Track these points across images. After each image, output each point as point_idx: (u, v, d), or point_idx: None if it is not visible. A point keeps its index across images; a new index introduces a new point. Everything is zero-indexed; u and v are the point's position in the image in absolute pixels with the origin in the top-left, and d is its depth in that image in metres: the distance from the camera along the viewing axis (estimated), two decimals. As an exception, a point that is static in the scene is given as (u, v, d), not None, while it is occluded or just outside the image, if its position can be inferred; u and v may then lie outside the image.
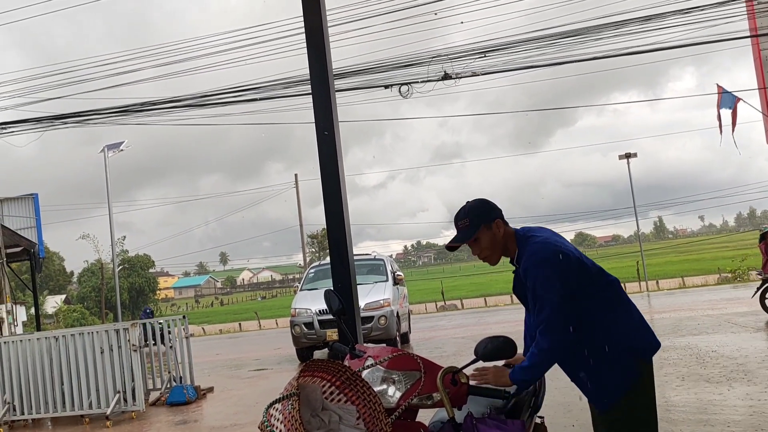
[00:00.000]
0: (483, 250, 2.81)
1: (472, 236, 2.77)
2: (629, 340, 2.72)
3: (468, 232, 2.78)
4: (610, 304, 2.75)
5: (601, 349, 2.66)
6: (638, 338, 2.75)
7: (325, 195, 4.50)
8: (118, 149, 28.97)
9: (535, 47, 14.43)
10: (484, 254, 2.82)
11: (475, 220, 2.78)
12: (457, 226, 2.84)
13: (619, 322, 2.73)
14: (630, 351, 2.69)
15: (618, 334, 2.70)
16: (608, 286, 2.77)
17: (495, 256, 2.84)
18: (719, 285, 27.46)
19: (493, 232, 2.79)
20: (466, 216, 2.80)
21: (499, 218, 2.82)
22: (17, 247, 16.06)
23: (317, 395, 2.17)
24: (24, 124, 16.11)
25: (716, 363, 8.39)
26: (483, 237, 2.77)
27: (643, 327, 2.79)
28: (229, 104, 15.39)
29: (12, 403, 9.20)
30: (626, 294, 2.86)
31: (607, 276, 2.80)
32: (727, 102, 15.65)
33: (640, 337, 2.76)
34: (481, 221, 2.78)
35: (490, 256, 2.83)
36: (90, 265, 62.20)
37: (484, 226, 2.77)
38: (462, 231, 2.81)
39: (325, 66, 4.57)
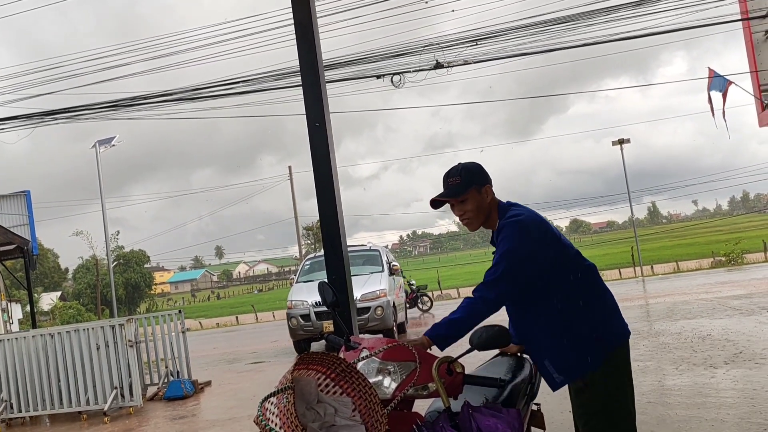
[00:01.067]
0: (467, 212, 2.76)
1: (461, 194, 2.73)
2: (598, 328, 2.69)
3: (457, 189, 2.73)
4: (585, 289, 2.73)
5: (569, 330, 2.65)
6: (608, 328, 2.73)
7: (318, 187, 4.49)
8: (109, 144, 28.84)
9: (527, 34, 14.39)
10: (467, 216, 2.77)
11: (467, 179, 2.74)
12: (447, 183, 2.78)
13: (592, 308, 2.71)
14: (597, 340, 2.67)
15: (589, 320, 2.68)
16: (586, 271, 2.76)
17: (477, 221, 2.80)
18: (713, 269, 27.60)
19: (481, 196, 2.75)
20: (459, 174, 2.76)
21: (489, 184, 2.79)
22: (10, 245, 15.98)
23: (312, 388, 2.16)
24: (14, 121, 15.99)
25: (711, 346, 8.44)
26: (471, 198, 2.74)
27: (615, 316, 2.77)
28: (220, 97, 15.31)
29: (9, 400, 9.19)
30: (602, 281, 2.84)
31: (584, 260, 2.78)
32: (718, 85, 15.65)
33: (611, 326, 2.74)
34: (472, 182, 2.74)
35: (472, 219, 2.79)
36: (85, 262, 62.07)
37: (475, 188, 2.74)
38: (451, 187, 2.75)
39: (315, 57, 4.54)
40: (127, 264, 64.43)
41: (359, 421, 2.14)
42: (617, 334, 2.72)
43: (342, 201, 4.69)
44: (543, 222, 2.73)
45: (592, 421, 2.63)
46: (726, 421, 5.08)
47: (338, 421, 2.13)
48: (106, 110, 15.52)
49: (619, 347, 2.71)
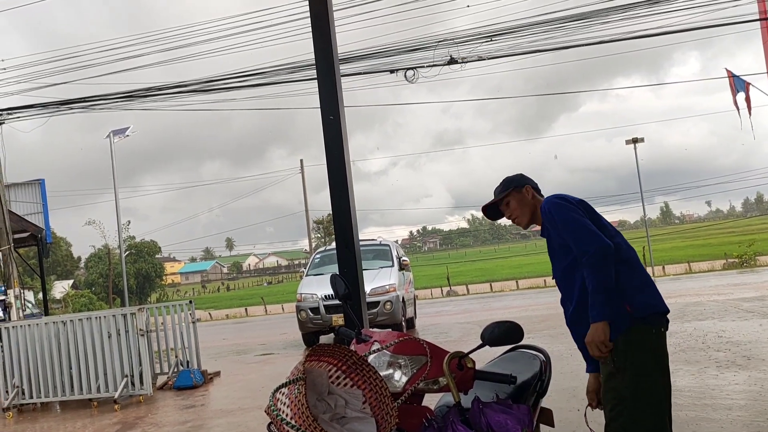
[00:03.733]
0: (512, 212, 3.09)
1: (501, 197, 3.09)
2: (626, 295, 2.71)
3: (500, 192, 3.11)
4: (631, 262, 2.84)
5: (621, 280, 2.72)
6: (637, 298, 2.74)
7: (331, 180, 4.49)
8: (123, 135, 28.99)
9: (541, 31, 14.31)
10: (514, 215, 3.10)
11: (507, 184, 3.12)
12: (494, 193, 3.16)
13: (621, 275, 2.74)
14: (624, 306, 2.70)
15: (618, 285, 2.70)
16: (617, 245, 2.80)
17: (524, 219, 3.08)
18: (726, 270, 27.39)
19: (522, 195, 3.08)
20: (501, 183, 3.16)
21: (529, 185, 3.11)
22: (24, 233, 16.14)
23: (323, 380, 2.17)
24: (30, 110, 16.13)
25: (722, 348, 8.38)
26: (512, 199, 3.08)
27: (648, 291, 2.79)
28: (234, 89, 15.36)
29: (21, 387, 9.29)
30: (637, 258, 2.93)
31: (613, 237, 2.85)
32: (740, 86, 15.51)
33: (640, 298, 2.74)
34: (511, 185, 3.10)
35: (519, 218, 3.08)
36: (97, 251, 62.53)
37: (514, 190, 3.08)
38: (495, 193, 3.15)
39: (331, 51, 4.54)
40: (138, 254, 64.84)
41: (370, 413, 2.15)
42: (645, 305, 2.72)
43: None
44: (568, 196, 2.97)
45: (619, 406, 2.62)
46: (735, 422, 5.05)
47: (348, 413, 2.15)
48: (121, 100, 15.61)
49: (645, 323, 2.69)
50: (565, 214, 2.81)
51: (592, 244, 2.68)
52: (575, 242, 2.75)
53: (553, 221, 2.85)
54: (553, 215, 2.85)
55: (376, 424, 2.15)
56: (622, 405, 2.61)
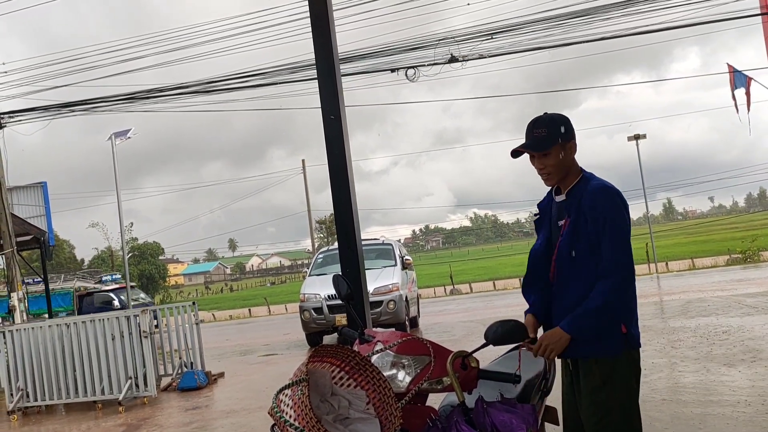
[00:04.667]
0: (547, 167, 2.69)
1: (546, 148, 2.65)
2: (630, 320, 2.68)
3: (544, 143, 2.64)
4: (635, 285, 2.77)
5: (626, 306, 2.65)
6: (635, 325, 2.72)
7: (332, 180, 4.49)
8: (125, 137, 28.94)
9: (541, 29, 14.29)
10: (548, 171, 2.70)
11: (554, 132, 2.65)
12: (532, 133, 2.68)
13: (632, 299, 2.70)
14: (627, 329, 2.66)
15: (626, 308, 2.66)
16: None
17: (555, 177, 2.72)
18: (729, 266, 27.33)
19: (566, 152, 2.68)
20: (545, 126, 2.66)
21: (574, 140, 2.73)
22: (27, 236, 16.16)
23: (326, 380, 2.17)
24: (31, 113, 16.15)
25: (726, 344, 8.36)
26: (554, 153, 2.65)
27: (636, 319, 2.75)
28: (234, 90, 15.36)
29: (25, 389, 9.30)
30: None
31: None
32: (740, 81, 15.48)
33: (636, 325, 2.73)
34: (559, 136, 2.66)
35: (551, 175, 2.71)
36: (100, 253, 62.65)
37: (561, 143, 2.66)
38: (536, 139, 2.66)
39: (331, 50, 4.53)
40: (141, 256, 64.95)
41: (373, 414, 2.14)
42: (637, 336, 2.71)
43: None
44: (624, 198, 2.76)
45: (607, 418, 2.60)
46: (740, 419, 5.04)
47: (352, 414, 2.14)
48: (122, 103, 15.63)
49: (636, 349, 2.69)
50: (623, 220, 2.61)
51: (629, 266, 2.57)
52: (614, 251, 2.55)
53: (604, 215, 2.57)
54: (609, 210, 2.58)
55: (379, 424, 2.14)
56: (610, 417, 2.59)
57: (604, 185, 2.66)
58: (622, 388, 2.62)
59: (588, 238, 2.60)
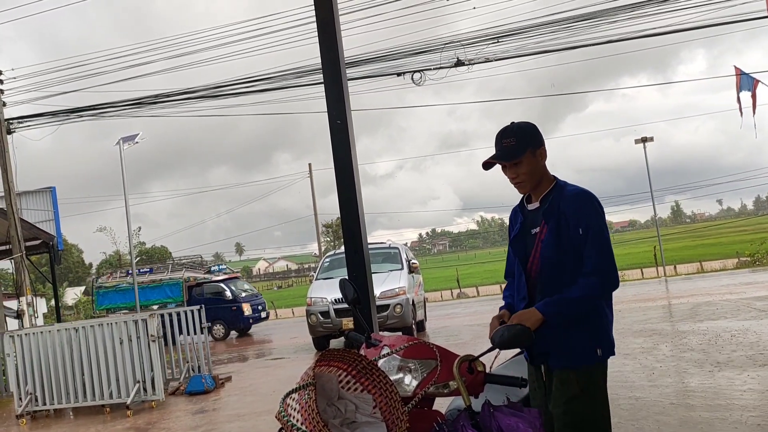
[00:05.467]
0: (520, 175, 2.68)
1: (517, 157, 2.64)
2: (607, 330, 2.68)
3: (513, 151, 2.64)
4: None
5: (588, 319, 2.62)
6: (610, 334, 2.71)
7: (339, 184, 4.49)
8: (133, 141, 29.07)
9: (548, 32, 14.30)
10: (521, 179, 2.69)
11: (523, 140, 2.65)
12: (501, 144, 2.68)
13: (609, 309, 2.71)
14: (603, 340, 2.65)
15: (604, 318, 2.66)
16: None
17: (529, 185, 2.71)
18: (738, 269, 27.17)
19: (536, 159, 2.68)
20: (514, 135, 2.66)
21: (544, 146, 2.72)
22: (36, 240, 16.25)
23: (333, 384, 2.17)
24: (40, 118, 16.27)
25: (734, 348, 8.32)
26: (525, 161, 2.65)
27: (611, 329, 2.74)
28: (241, 95, 15.43)
29: (34, 393, 9.35)
30: None
31: None
32: (746, 84, 15.41)
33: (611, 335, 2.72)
34: (528, 144, 2.66)
35: (524, 183, 2.70)
36: (108, 257, 62.84)
37: (530, 150, 2.66)
38: (506, 149, 2.65)
39: (337, 55, 4.55)
40: (149, 260, 65.10)
41: (380, 418, 2.14)
42: (612, 345, 2.70)
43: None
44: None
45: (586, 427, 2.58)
46: (749, 423, 5.01)
47: (359, 418, 2.14)
48: (130, 107, 15.73)
49: (609, 357, 2.68)
50: (604, 225, 2.62)
51: (613, 271, 2.59)
52: (598, 255, 2.55)
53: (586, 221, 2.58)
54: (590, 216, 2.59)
55: (386, 428, 2.15)
56: (585, 426, 2.58)
57: (582, 190, 2.68)
58: (598, 397, 2.62)
59: (570, 242, 2.60)
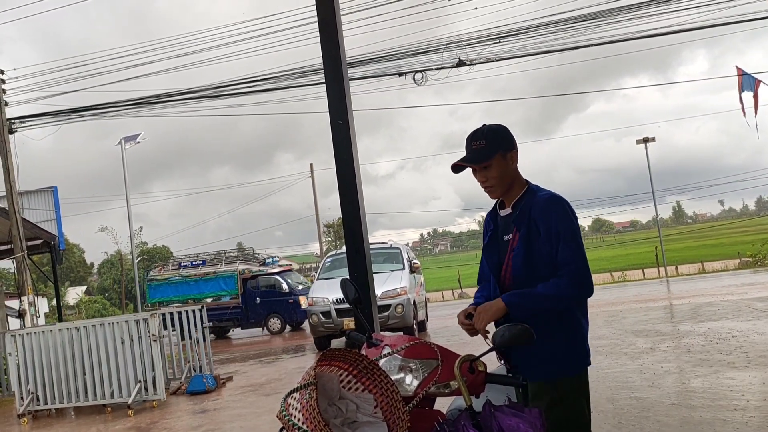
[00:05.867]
0: (490, 179, 2.59)
1: (486, 160, 2.56)
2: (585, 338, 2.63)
3: (483, 154, 2.56)
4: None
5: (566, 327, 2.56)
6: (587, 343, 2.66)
7: (340, 184, 4.49)
8: (135, 141, 29.14)
9: (550, 32, 14.30)
10: (490, 183, 2.60)
11: (493, 143, 2.57)
12: (471, 146, 2.60)
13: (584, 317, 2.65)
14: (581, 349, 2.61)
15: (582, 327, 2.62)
16: None
17: (500, 189, 2.62)
18: (739, 269, 27.16)
19: (507, 162, 2.59)
20: (484, 137, 2.58)
21: (515, 150, 2.63)
22: (38, 240, 16.27)
23: (334, 384, 2.17)
24: (41, 118, 16.29)
25: (736, 348, 8.31)
26: (495, 165, 2.56)
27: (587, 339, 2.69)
28: (243, 95, 15.44)
29: (35, 393, 9.36)
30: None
31: None
32: (748, 84, 15.41)
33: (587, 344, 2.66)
34: (499, 147, 2.57)
35: (494, 187, 2.62)
36: (110, 257, 62.88)
37: (500, 153, 2.57)
38: (475, 152, 2.58)
39: (339, 54, 4.55)
40: (151, 260, 65.12)
41: (381, 417, 2.15)
42: (587, 355, 2.64)
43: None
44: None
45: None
46: (750, 424, 5.01)
47: (360, 418, 2.15)
48: (132, 107, 15.74)
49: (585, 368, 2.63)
50: (576, 228, 2.54)
51: (585, 275, 2.48)
52: (572, 258, 2.46)
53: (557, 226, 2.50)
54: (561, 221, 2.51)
55: (387, 428, 2.15)
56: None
57: (553, 195, 2.59)
58: (576, 407, 2.56)
59: (542, 249, 2.53)
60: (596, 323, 12.56)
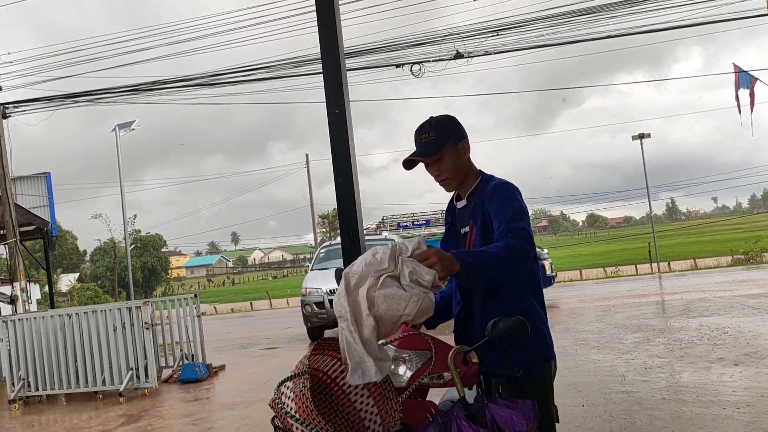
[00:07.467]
0: (444, 172, 2.51)
1: (436, 153, 2.47)
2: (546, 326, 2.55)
3: (433, 147, 2.47)
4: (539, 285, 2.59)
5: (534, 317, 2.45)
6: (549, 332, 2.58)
7: (336, 174, 4.47)
8: (129, 128, 29.04)
9: (547, 26, 14.27)
10: (444, 176, 2.53)
11: (442, 135, 2.48)
12: (420, 140, 2.52)
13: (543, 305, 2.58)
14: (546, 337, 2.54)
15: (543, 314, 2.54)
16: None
17: (455, 181, 2.55)
18: (732, 267, 27.30)
19: (458, 153, 2.51)
20: (433, 130, 2.49)
21: (466, 139, 2.55)
22: (30, 226, 16.19)
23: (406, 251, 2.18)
24: (35, 103, 16.17)
25: (727, 344, 8.36)
26: (447, 157, 2.48)
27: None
28: (239, 83, 15.36)
29: (27, 379, 9.34)
30: None
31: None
32: (745, 82, 15.43)
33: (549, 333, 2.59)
34: (448, 138, 2.49)
35: (449, 180, 2.54)
36: (103, 244, 62.74)
37: (451, 145, 2.49)
38: (425, 145, 2.49)
39: (336, 44, 4.52)
40: (143, 248, 65.00)
41: (437, 283, 2.08)
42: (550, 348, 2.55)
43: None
44: None
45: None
46: (740, 419, 5.04)
47: (413, 287, 2.12)
48: (126, 94, 15.64)
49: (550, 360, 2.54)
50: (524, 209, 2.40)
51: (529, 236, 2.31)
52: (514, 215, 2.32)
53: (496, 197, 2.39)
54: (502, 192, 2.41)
55: (380, 419, 2.15)
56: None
57: (501, 182, 2.50)
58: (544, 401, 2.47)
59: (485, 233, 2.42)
60: (588, 318, 12.60)
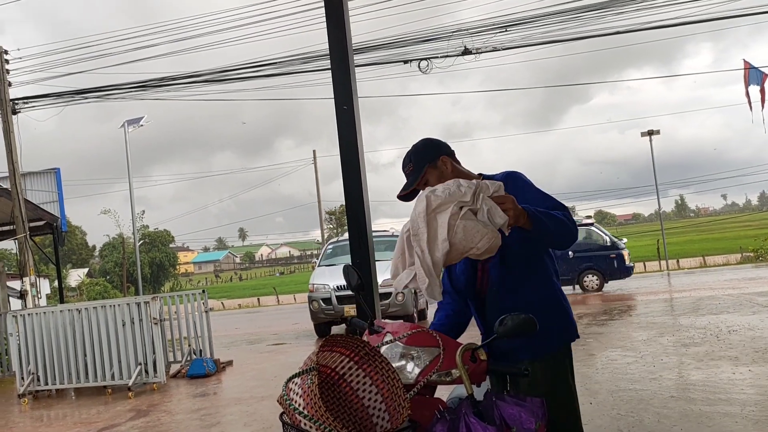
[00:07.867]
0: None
1: (417, 180, 2.58)
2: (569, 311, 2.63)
3: (413, 177, 2.60)
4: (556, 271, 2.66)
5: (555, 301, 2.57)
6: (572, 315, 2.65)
7: (344, 170, 4.47)
8: (138, 124, 29.14)
9: (555, 22, 14.20)
10: None
11: (419, 162, 2.61)
12: (406, 174, 2.66)
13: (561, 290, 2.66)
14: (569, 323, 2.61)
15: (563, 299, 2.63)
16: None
17: None
18: (741, 264, 27.15)
19: (440, 170, 2.59)
20: (410, 161, 2.63)
21: (444, 155, 2.63)
22: (40, 221, 16.28)
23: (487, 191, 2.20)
24: (45, 99, 16.25)
25: (736, 342, 8.31)
26: (430, 177, 2.58)
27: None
28: (247, 80, 15.38)
29: (36, 373, 9.41)
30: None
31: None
32: (755, 78, 15.32)
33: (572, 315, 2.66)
34: (425, 162, 2.60)
35: None
36: (112, 240, 63.04)
37: (429, 166, 2.59)
38: (409, 176, 2.63)
39: (345, 40, 4.52)
40: (152, 243, 65.27)
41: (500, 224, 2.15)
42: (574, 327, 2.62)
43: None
44: None
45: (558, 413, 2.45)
46: (750, 417, 5.01)
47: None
48: (135, 90, 15.69)
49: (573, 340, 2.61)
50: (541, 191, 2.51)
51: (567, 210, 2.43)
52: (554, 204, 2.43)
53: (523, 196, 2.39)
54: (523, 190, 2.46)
55: (388, 416, 2.15)
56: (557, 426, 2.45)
57: (505, 173, 2.58)
58: (567, 388, 2.52)
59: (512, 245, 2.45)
60: (597, 315, 12.57)
